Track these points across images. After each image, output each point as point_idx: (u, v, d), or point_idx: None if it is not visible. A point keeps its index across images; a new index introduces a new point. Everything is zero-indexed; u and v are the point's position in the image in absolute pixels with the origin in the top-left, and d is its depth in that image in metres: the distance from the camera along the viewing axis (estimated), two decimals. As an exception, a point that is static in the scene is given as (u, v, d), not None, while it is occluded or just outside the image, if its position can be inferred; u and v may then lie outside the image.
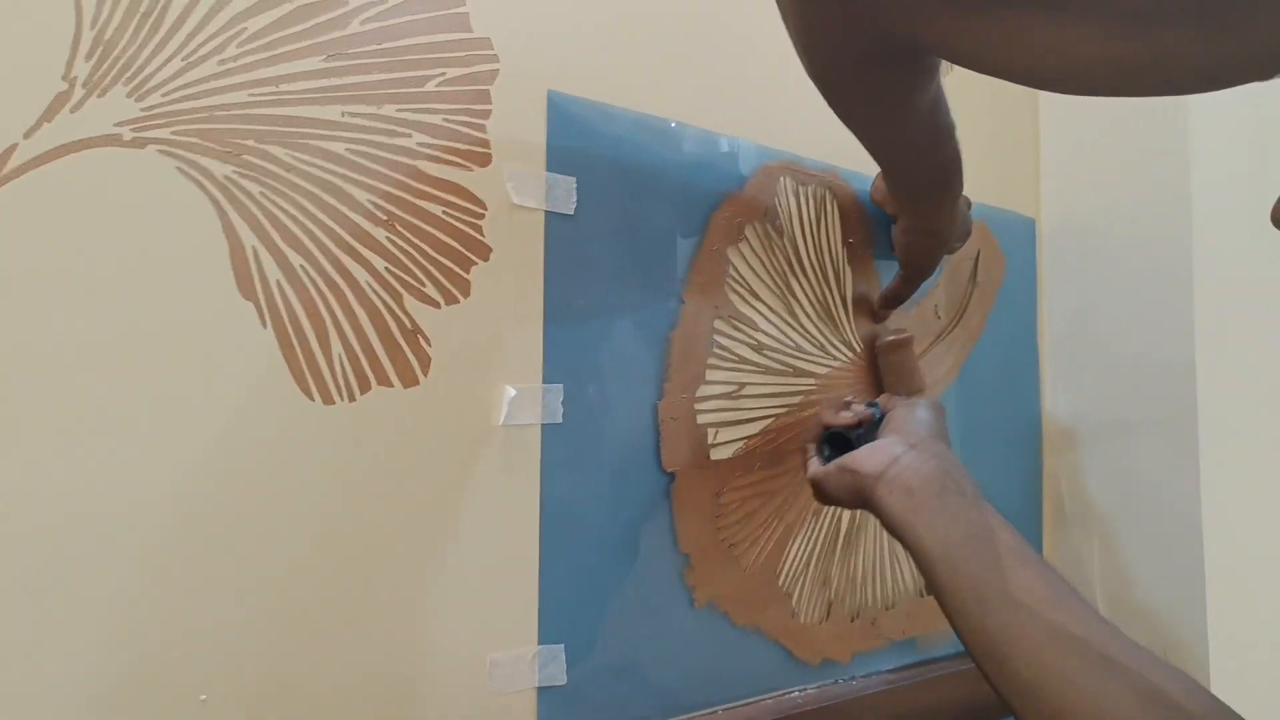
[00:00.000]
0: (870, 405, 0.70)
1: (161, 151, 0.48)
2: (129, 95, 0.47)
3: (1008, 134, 1.03)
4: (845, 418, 0.68)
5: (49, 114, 0.44)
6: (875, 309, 0.85)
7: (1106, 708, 0.43)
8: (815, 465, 0.67)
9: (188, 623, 0.48)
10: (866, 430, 0.67)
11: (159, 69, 0.47)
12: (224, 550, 0.49)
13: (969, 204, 0.85)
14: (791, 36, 0.54)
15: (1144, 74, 0.45)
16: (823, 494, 0.64)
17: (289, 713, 0.51)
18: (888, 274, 0.86)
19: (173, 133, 0.48)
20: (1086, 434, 1.02)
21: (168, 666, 0.47)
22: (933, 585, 0.53)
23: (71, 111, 0.45)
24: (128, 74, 0.46)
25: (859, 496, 0.60)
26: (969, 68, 0.55)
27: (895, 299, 0.84)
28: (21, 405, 0.44)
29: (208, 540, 0.49)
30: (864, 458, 0.60)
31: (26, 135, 0.44)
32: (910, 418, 0.64)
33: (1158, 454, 0.94)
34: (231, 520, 0.50)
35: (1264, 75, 0.42)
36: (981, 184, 0.99)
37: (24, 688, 0.43)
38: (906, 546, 0.55)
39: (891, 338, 0.83)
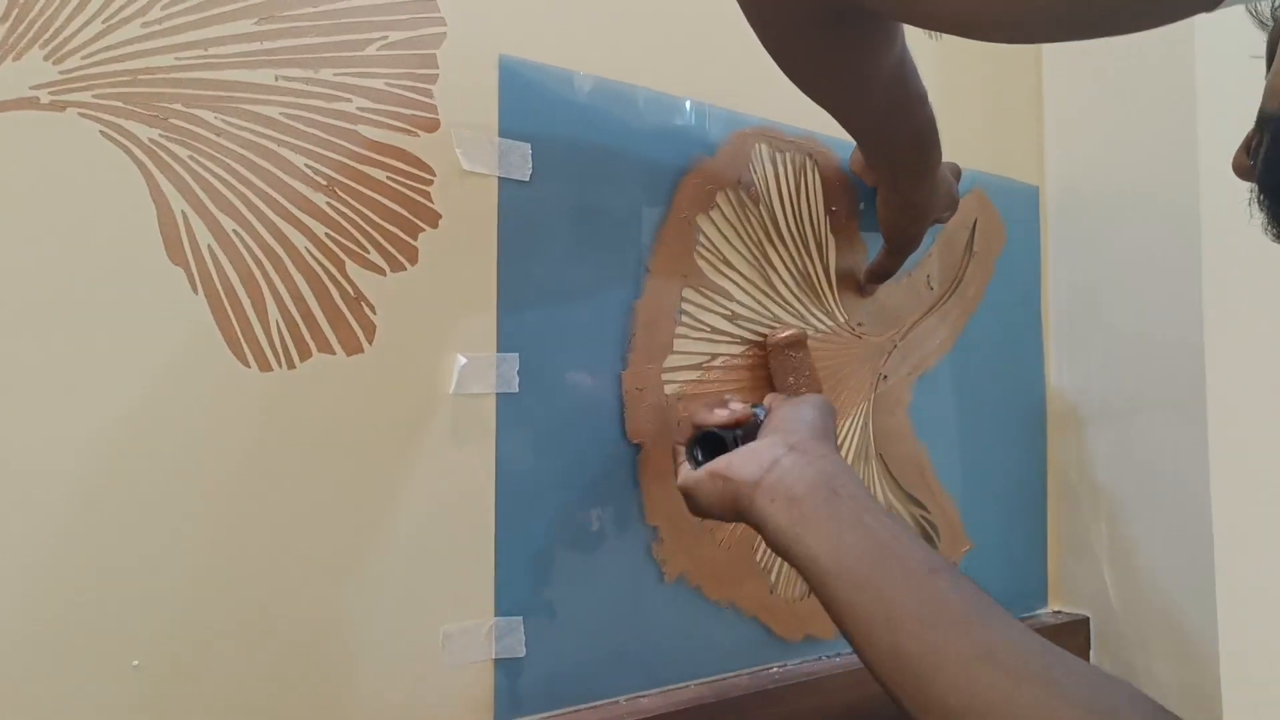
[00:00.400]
0: (755, 406, 0.63)
1: (82, 114, 0.47)
2: (46, 58, 0.46)
3: (1008, 98, 1.00)
4: (720, 416, 0.60)
5: (-38, 76, 0.44)
6: (861, 284, 0.83)
7: None
8: (685, 471, 0.59)
9: (121, 589, 0.48)
10: (745, 433, 0.60)
11: (78, 31, 0.47)
12: (160, 516, 0.49)
13: (957, 173, 0.83)
14: (740, 2, 0.52)
15: (1080, 11, 0.43)
16: (694, 505, 0.57)
17: (226, 683, 0.50)
18: (876, 244, 0.83)
19: (94, 96, 0.47)
20: (1093, 412, 0.98)
21: (100, 632, 0.47)
22: (830, 605, 0.47)
23: (-14, 74, 0.45)
24: (44, 36, 0.46)
25: (734, 507, 0.53)
26: (904, 20, 0.53)
27: (882, 273, 0.81)
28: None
29: (142, 506, 0.48)
30: (739, 463, 0.54)
31: (-62, 97, 0.44)
32: (792, 416, 0.58)
33: (1166, 432, 0.90)
34: (166, 485, 0.49)
35: (1207, 6, 0.40)
36: (980, 151, 0.96)
37: (-54, 653, 0.43)
38: (794, 562, 0.49)
39: (783, 335, 0.74)
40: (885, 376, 0.85)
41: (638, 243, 0.68)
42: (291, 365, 0.53)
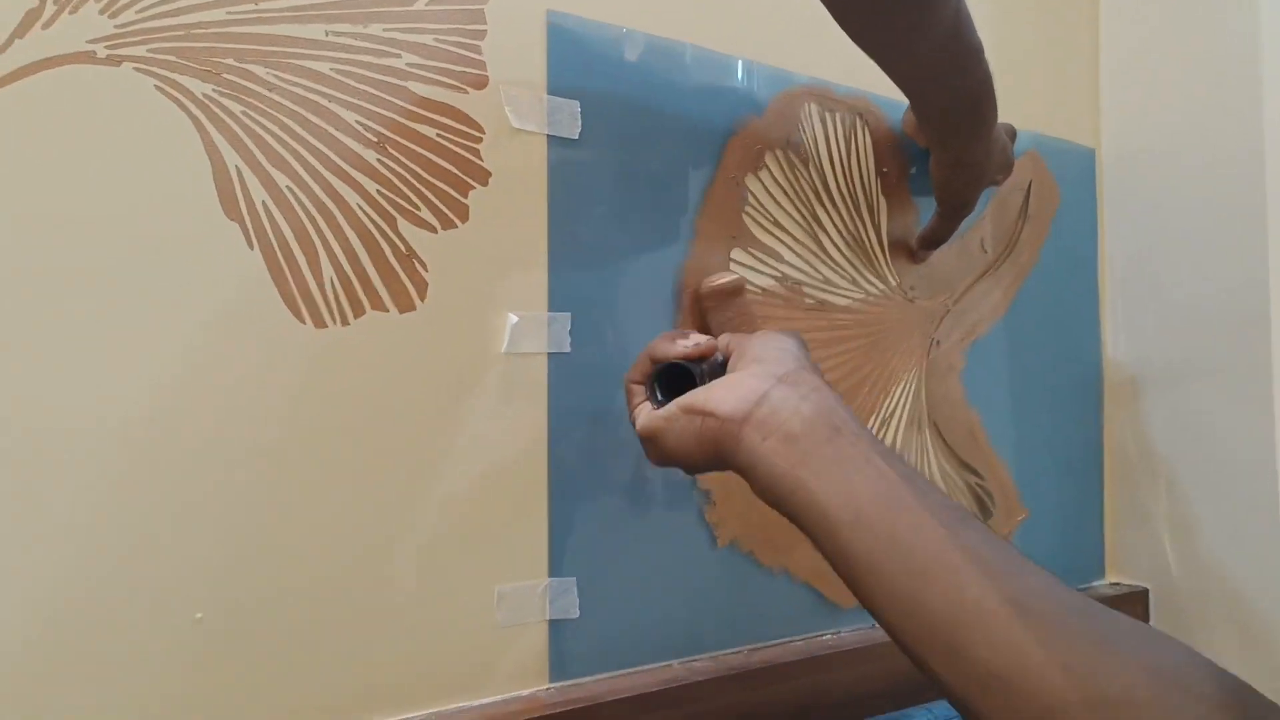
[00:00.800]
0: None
1: (138, 69, 0.47)
2: (102, 12, 0.46)
3: (1064, 57, 0.97)
4: (684, 347, 0.52)
5: (20, 29, 0.44)
6: (915, 250, 0.81)
7: (1115, 694, 0.32)
8: (646, 412, 0.52)
9: (184, 544, 0.48)
10: (710, 370, 0.53)
11: (132, -15, 0.47)
12: (219, 471, 0.49)
13: (1012, 133, 0.80)
14: None
15: None
16: (660, 449, 0.50)
17: (285, 638, 0.50)
18: (929, 208, 0.81)
19: (149, 50, 0.47)
20: (1151, 379, 0.95)
21: (163, 587, 0.47)
22: (839, 556, 0.41)
23: (43, 28, 0.45)
24: (100, -10, 0.46)
25: (715, 448, 0.46)
26: None
27: (935, 239, 0.79)
28: (8, 319, 0.44)
29: (202, 461, 0.48)
30: (719, 396, 0.46)
31: (-2, 51, 0.44)
32: (771, 345, 0.50)
33: (1229, 401, 0.88)
34: (225, 440, 0.49)
35: None
36: (1034, 111, 0.93)
37: (13, 610, 0.44)
38: (793, 510, 0.43)
39: (721, 282, 0.65)
40: (938, 342, 0.83)
41: (685, 203, 0.67)
42: (345, 322, 0.53)
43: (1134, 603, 0.92)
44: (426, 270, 0.56)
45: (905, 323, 0.81)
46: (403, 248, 0.55)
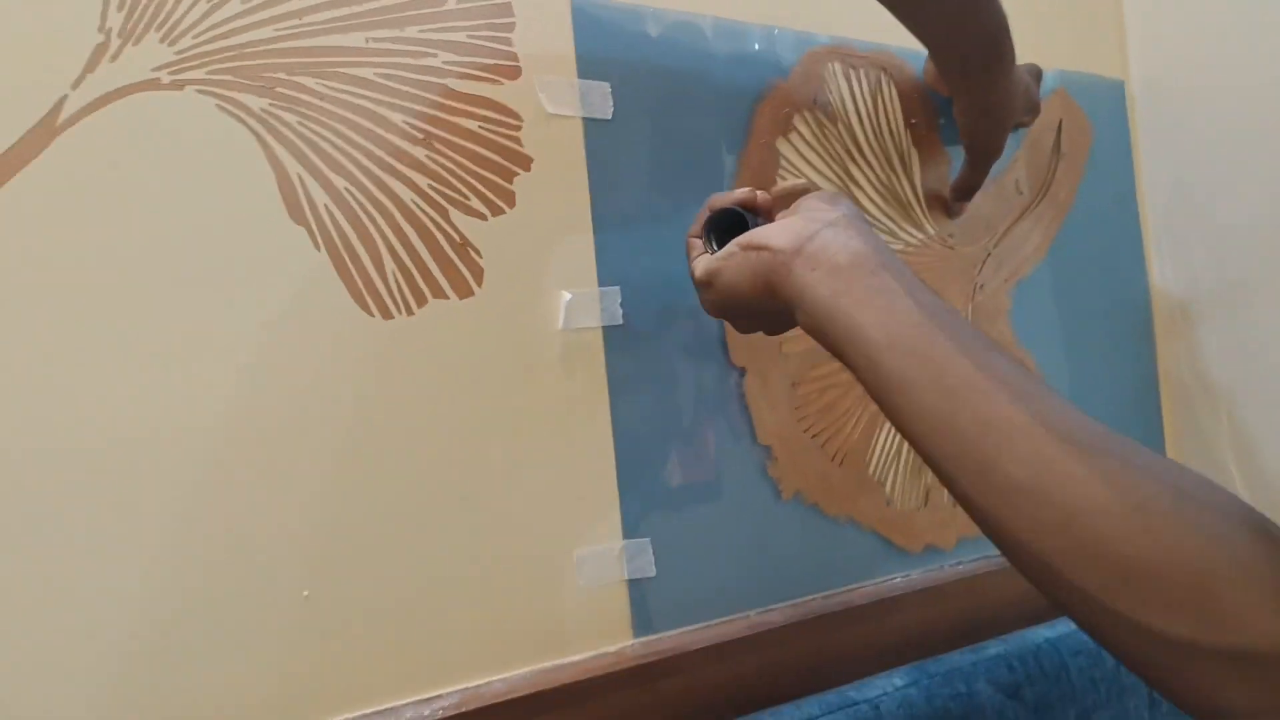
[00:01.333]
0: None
1: (200, 91, 0.50)
2: (162, 41, 0.50)
3: (1082, -7, 0.97)
4: (740, 194, 0.56)
5: (91, 65, 0.48)
6: (949, 202, 0.82)
7: (1140, 502, 0.34)
8: (705, 260, 0.55)
9: (288, 526, 0.51)
10: (763, 221, 0.56)
11: (186, 13, 0.50)
12: (319, 458, 0.52)
13: (1037, 74, 0.81)
14: None
15: None
16: (717, 290, 0.53)
17: (386, 609, 0.54)
18: (960, 155, 0.82)
19: (207, 72, 0.51)
20: (1203, 307, 0.95)
21: (273, 565, 0.51)
22: (876, 380, 0.43)
23: (111, 61, 0.48)
24: (158, 21, 0.49)
25: (766, 280, 0.49)
26: None
27: (967, 187, 0.80)
28: (106, 331, 0.47)
29: (303, 449, 0.52)
30: (774, 232, 0.50)
31: (74, 86, 0.47)
32: (824, 198, 0.53)
33: (1284, 317, 0.87)
34: (319, 430, 0.52)
35: None
36: (1058, 47, 0.93)
37: (139, 592, 0.47)
38: (834, 338, 0.45)
39: (786, 185, 0.71)
40: (982, 286, 0.84)
41: (721, 170, 0.69)
42: (410, 312, 0.56)
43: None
44: (481, 257, 0.59)
45: (946, 270, 0.82)
46: (457, 237, 0.58)
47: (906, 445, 0.77)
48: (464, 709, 0.53)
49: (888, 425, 0.76)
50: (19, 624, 0.45)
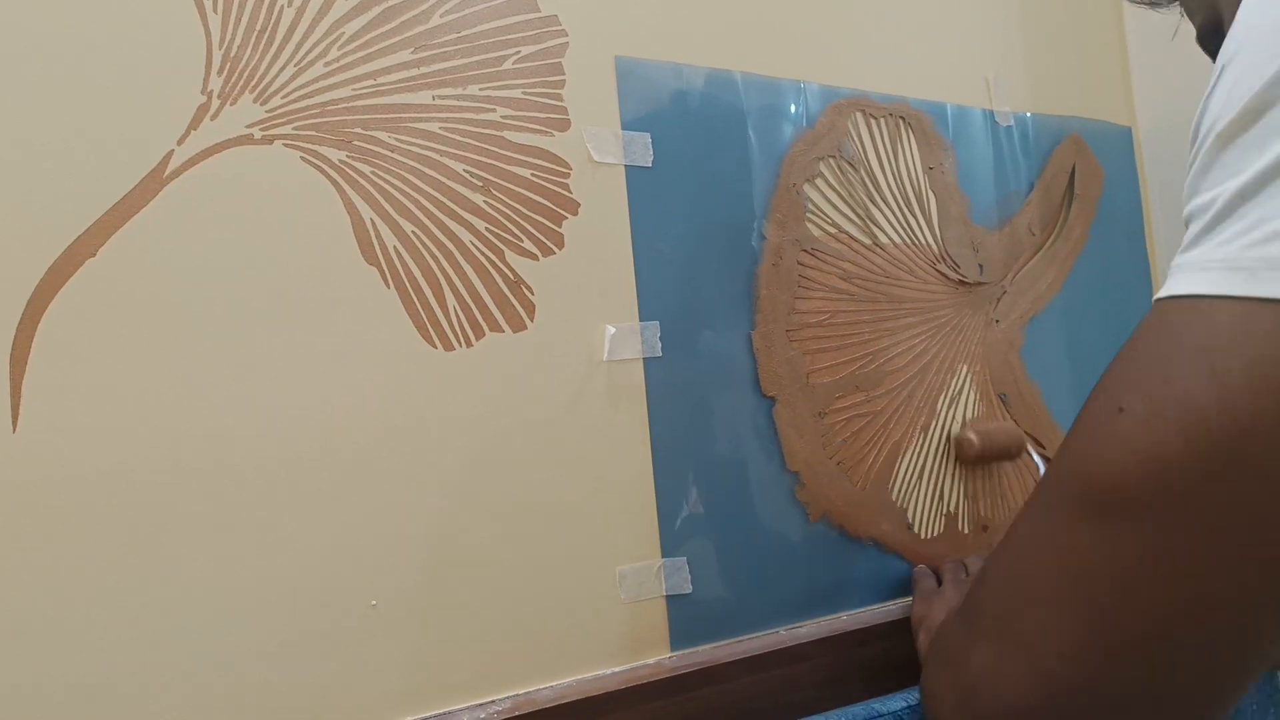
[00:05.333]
0: None
1: (286, 145, 0.56)
2: (255, 101, 0.55)
3: (1091, 39, 1.02)
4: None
5: (194, 123, 0.53)
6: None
7: None
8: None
9: (358, 541, 0.56)
10: None
11: (276, 76, 0.56)
12: (386, 478, 0.57)
13: None
14: None
15: None
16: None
17: (446, 619, 0.58)
18: (975, 194, 0.88)
19: (294, 128, 0.56)
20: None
21: (342, 577, 0.55)
22: None
23: (211, 119, 0.54)
24: (252, 83, 0.55)
25: None
26: None
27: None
28: (202, 359, 0.52)
29: (371, 470, 0.57)
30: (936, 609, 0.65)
31: (179, 142, 0.53)
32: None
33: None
34: (385, 453, 0.57)
35: None
36: (1070, 96, 0.98)
37: (217, 595, 0.52)
38: None
39: (969, 456, 0.82)
40: (997, 321, 0.89)
41: (752, 213, 0.74)
42: (469, 344, 0.61)
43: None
44: (533, 293, 0.64)
45: (964, 305, 0.87)
46: (511, 275, 0.63)
47: (927, 473, 0.81)
48: (516, 713, 0.58)
49: (909, 453, 0.81)
50: (117, 622, 0.49)
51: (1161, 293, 0.39)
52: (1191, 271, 0.37)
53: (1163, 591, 0.36)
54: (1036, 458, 0.80)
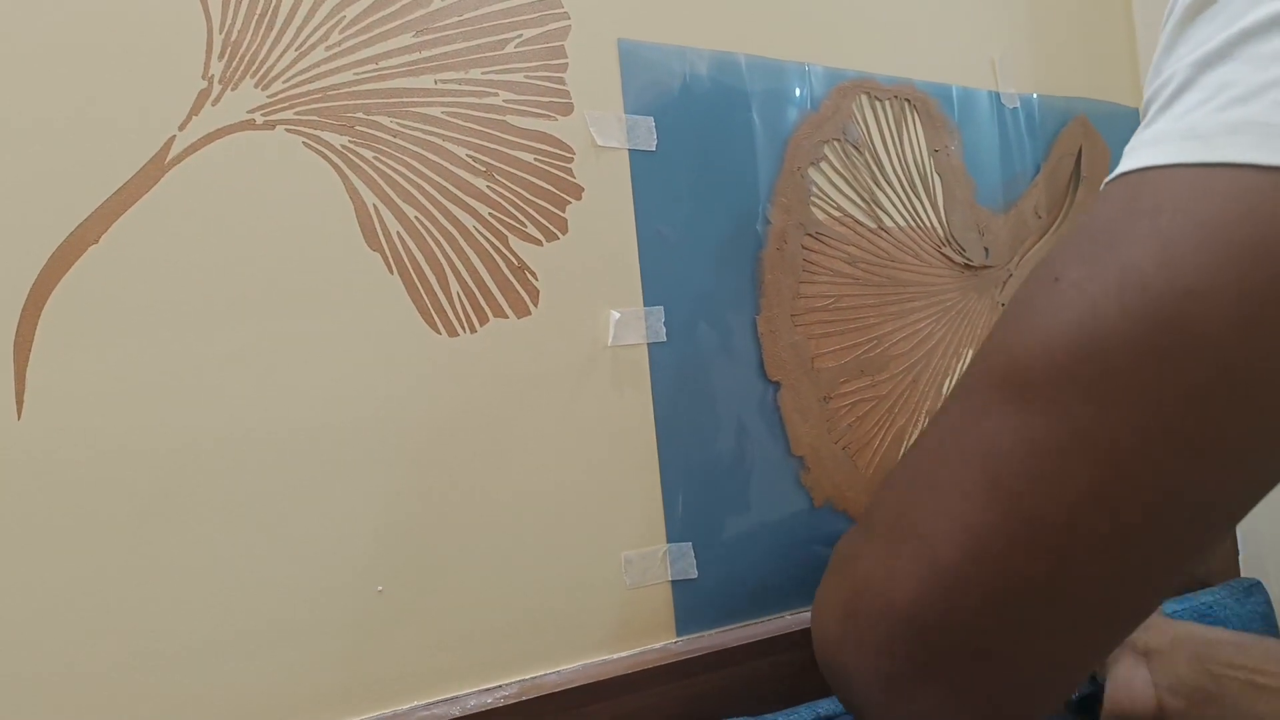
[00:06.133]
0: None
1: (288, 130, 0.56)
2: (256, 86, 0.55)
3: (1098, 19, 1.01)
4: None
5: (195, 108, 0.53)
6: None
7: None
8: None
9: (364, 527, 0.56)
10: None
11: (277, 60, 0.55)
12: (391, 464, 0.57)
13: None
14: None
15: None
16: None
17: (452, 604, 0.58)
18: (981, 176, 0.87)
19: (295, 113, 0.56)
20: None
21: (349, 565, 0.55)
22: None
23: (213, 104, 0.53)
24: (253, 68, 0.55)
25: None
26: None
27: None
28: (204, 346, 0.52)
29: (376, 456, 0.57)
30: (1127, 702, 0.57)
31: (181, 127, 0.52)
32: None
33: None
34: (388, 439, 0.57)
35: None
36: (1077, 77, 0.98)
37: (224, 579, 0.52)
38: None
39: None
40: (1003, 304, 0.88)
41: (757, 197, 0.74)
42: (473, 330, 0.61)
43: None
44: (537, 279, 0.63)
45: (970, 289, 0.86)
46: (515, 261, 0.63)
47: (932, 457, 0.81)
48: (523, 698, 0.58)
49: (914, 438, 0.80)
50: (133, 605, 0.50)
51: (1111, 175, 0.36)
52: (1144, 147, 0.34)
53: (1078, 476, 0.32)
54: None
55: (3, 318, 0.48)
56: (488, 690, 0.59)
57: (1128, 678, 0.57)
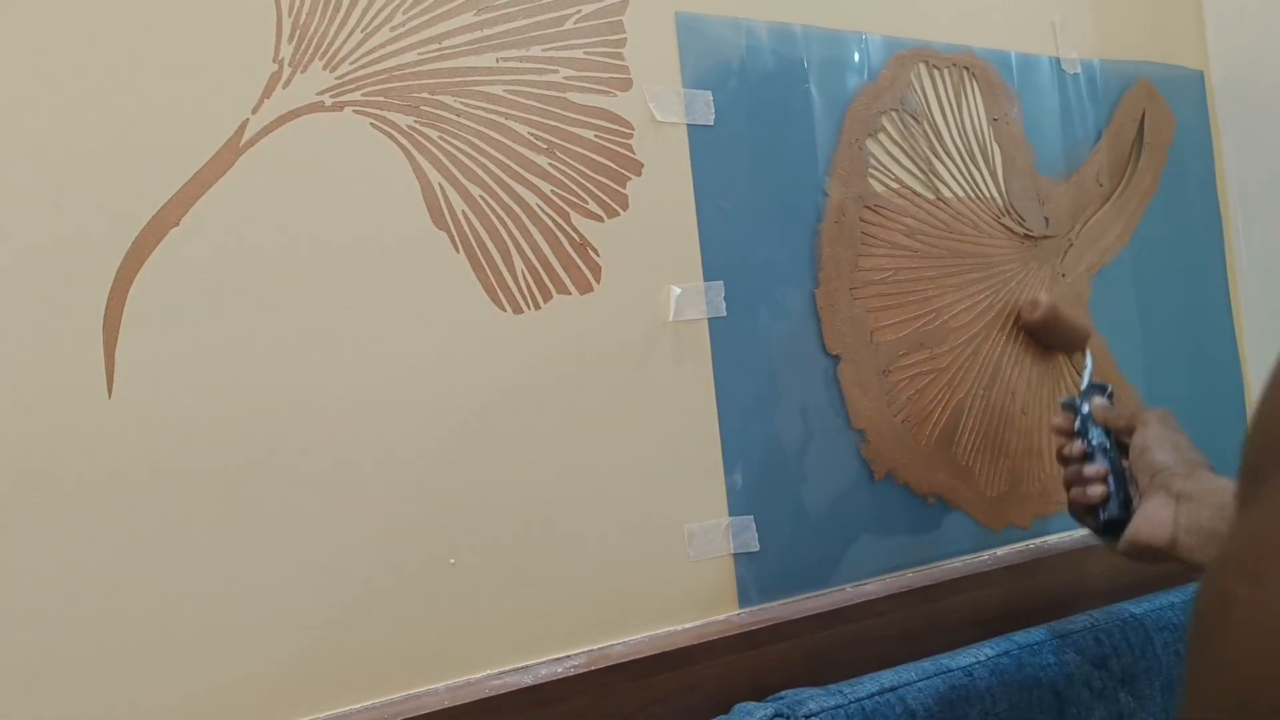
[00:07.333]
0: (1066, 406, 0.70)
1: (356, 111, 0.56)
2: (324, 68, 0.56)
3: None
4: (1095, 494, 0.65)
5: (267, 91, 0.54)
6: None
7: None
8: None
9: (435, 501, 0.57)
10: (1111, 453, 0.66)
11: (344, 42, 0.56)
12: (460, 440, 0.58)
13: None
14: None
15: None
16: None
17: (522, 578, 0.59)
18: (1041, 144, 0.86)
19: (363, 94, 0.57)
20: (1287, 288, 0.97)
21: (425, 536, 0.57)
22: None
23: (283, 88, 0.54)
24: (321, 50, 0.55)
25: (1165, 561, 0.60)
26: None
27: None
28: (281, 322, 0.54)
29: (446, 432, 0.58)
30: (1145, 530, 0.60)
31: (254, 110, 0.53)
32: (1147, 454, 0.63)
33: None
34: (458, 415, 0.58)
35: None
36: (1140, 40, 0.95)
37: (300, 555, 0.54)
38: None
39: (1030, 317, 0.81)
40: (1064, 275, 0.87)
41: (815, 170, 0.74)
42: (537, 307, 0.61)
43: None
44: (599, 255, 0.64)
45: (1030, 259, 0.85)
46: (577, 238, 0.63)
47: (991, 429, 0.81)
48: (591, 668, 0.59)
49: (973, 412, 0.80)
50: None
51: None
52: None
53: None
54: (1089, 359, 0.75)
55: (92, 301, 0.49)
56: (557, 660, 0.60)
57: (1153, 511, 0.60)
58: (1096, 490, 0.65)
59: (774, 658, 0.64)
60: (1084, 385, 0.71)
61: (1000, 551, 0.79)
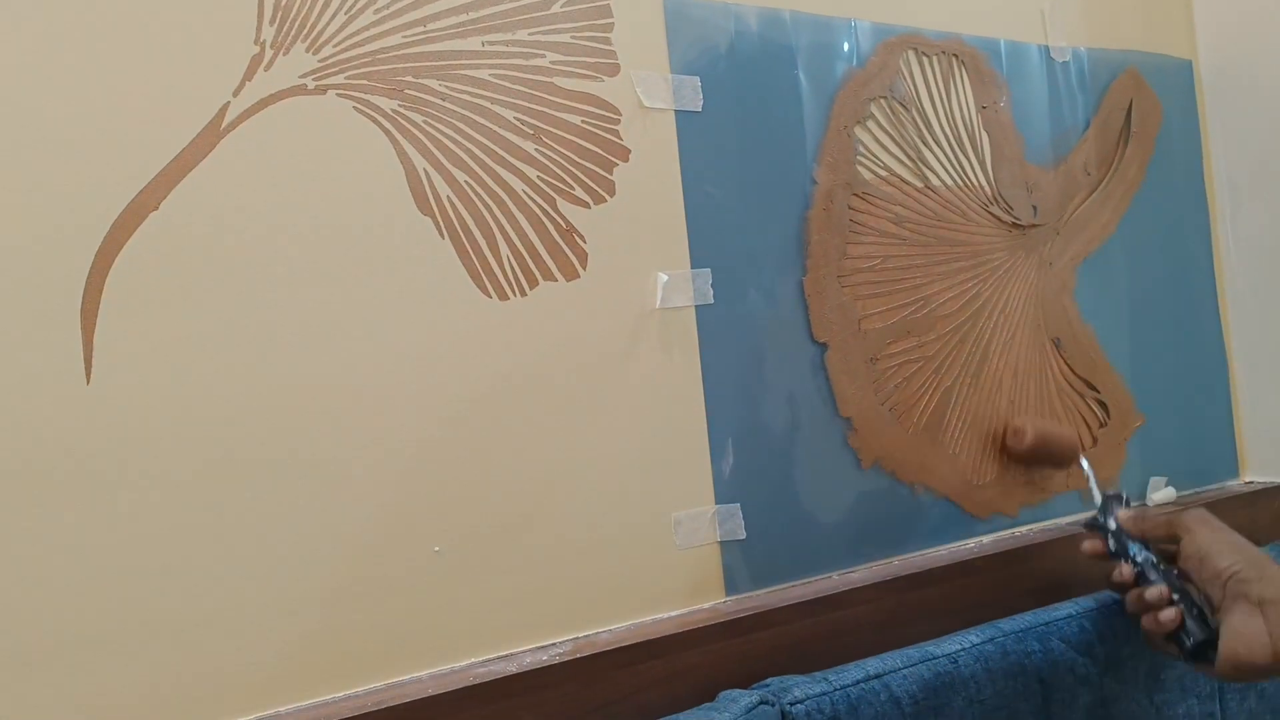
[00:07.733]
0: (1090, 526, 0.70)
1: (339, 94, 0.56)
2: (307, 50, 0.55)
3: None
4: (1169, 620, 0.63)
5: (249, 74, 0.53)
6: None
7: None
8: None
9: (420, 488, 0.57)
10: (1162, 567, 0.66)
11: (328, 24, 0.55)
12: (445, 427, 0.58)
13: None
14: None
15: None
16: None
17: (507, 564, 0.59)
18: (1029, 132, 0.85)
19: (346, 77, 0.56)
20: (1271, 279, 0.97)
21: (409, 524, 0.56)
22: None
23: (265, 70, 0.54)
24: (304, 32, 0.55)
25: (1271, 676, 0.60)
26: None
27: None
28: (263, 308, 0.53)
29: (430, 419, 0.57)
30: (1243, 650, 0.59)
31: (235, 94, 0.53)
32: (1211, 564, 0.62)
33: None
34: (442, 401, 0.58)
35: None
36: (1128, 28, 0.95)
37: (281, 545, 0.53)
38: None
39: (1018, 446, 0.79)
40: (1050, 264, 0.87)
41: (803, 157, 0.73)
42: (523, 293, 0.61)
43: (1271, 498, 0.94)
44: (585, 242, 0.63)
45: (1018, 247, 0.85)
46: (563, 224, 0.63)
47: (979, 418, 0.81)
48: (577, 655, 0.59)
49: (960, 400, 0.80)
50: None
51: None
52: None
53: None
54: (1088, 468, 0.77)
55: (69, 286, 0.48)
56: (542, 648, 0.60)
57: (1242, 626, 0.59)
58: (1169, 615, 0.63)
59: (760, 645, 0.64)
60: (1097, 499, 0.71)
61: (987, 539, 0.79)
